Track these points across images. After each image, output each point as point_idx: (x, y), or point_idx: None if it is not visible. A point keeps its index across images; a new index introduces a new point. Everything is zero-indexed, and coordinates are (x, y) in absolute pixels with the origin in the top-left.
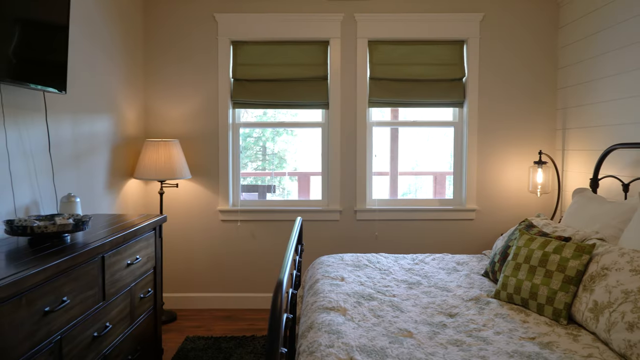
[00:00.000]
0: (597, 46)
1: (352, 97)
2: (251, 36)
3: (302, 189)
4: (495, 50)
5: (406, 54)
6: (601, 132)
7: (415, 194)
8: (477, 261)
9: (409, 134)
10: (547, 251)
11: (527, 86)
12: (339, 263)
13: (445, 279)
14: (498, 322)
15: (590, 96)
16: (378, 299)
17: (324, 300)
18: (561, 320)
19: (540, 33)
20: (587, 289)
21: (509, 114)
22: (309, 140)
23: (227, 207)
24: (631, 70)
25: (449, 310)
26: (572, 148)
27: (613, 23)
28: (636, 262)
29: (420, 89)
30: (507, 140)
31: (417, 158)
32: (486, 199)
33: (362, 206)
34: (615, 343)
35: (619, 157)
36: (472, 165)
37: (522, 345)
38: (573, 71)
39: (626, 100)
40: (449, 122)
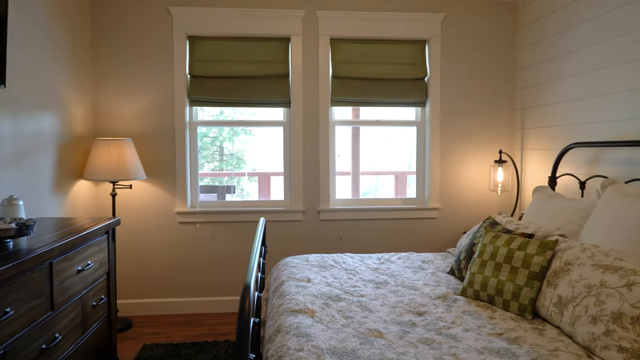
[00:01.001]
0: (554, 48)
1: (314, 96)
2: (208, 31)
3: (263, 190)
4: (456, 50)
5: (369, 52)
6: (558, 131)
7: (374, 193)
8: (442, 259)
9: (370, 134)
10: (512, 248)
11: (487, 86)
12: (304, 264)
13: (412, 277)
14: (466, 319)
15: (548, 97)
16: (346, 299)
17: (290, 302)
18: (526, 316)
19: (499, 34)
20: (551, 284)
21: (470, 113)
22: (269, 140)
23: (185, 209)
24: (586, 72)
25: (417, 309)
26: (530, 147)
27: (569, 26)
28: (597, 257)
29: (383, 88)
30: (468, 139)
31: (377, 158)
32: (448, 198)
33: (325, 206)
34: (579, 336)
35: (576, 156)
36: (434, 164)
37: (490, 342)
38: (531, 72)
39: (582, 100)
40: (412, 121)
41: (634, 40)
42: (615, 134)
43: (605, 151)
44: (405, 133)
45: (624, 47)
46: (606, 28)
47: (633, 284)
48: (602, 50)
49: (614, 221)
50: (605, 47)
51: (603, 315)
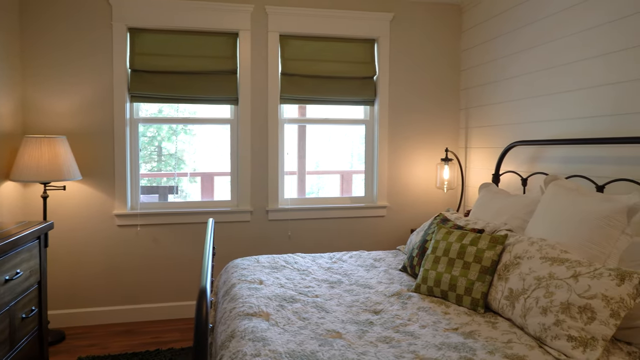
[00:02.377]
0: (497, 50)
1: (263, 93)
2: (151, 23)
3: (206, 190)
4: (404, 50)
5: (318, 50)
6: (501, 130)
7: (317, 193)
8: (393, 256)
9: (315, 133)
10: (464, 243)
11: (434, 86)
12: (255, 265)
13: (365, 276)
14: (422, 315)
15: (491, 97)
16: (301, 300)
17: (243, 305)
18: (479, 309)
19: (445, 36)
20: (502, 278)
21: (418, 112)
22: (212, 139)
23: (125, 211)
24: (527, 74)
25: (373, 307)
26: (474, 146)
27: (511, 29)
28: (545, 250)
29: (333, 86)
30: (416, 138)
31: (321, 157)
32: (396, 196)
33: (274, 206)
34: (530, 327)
35: (518, 154)
36: (383, 163)
37: (447, 337)
38: (475, 73)
39: (523, 101)
40: (361, 120)
41: (572, 43)
42: (554, 132)
43: (545, 149)
44: (348, 133)
45: (563, 50)
46: (547, 31)
47: (579, 275)
48: (542, 52)
49: (557, 215)
50: (545, 50)
51: (553, 306)
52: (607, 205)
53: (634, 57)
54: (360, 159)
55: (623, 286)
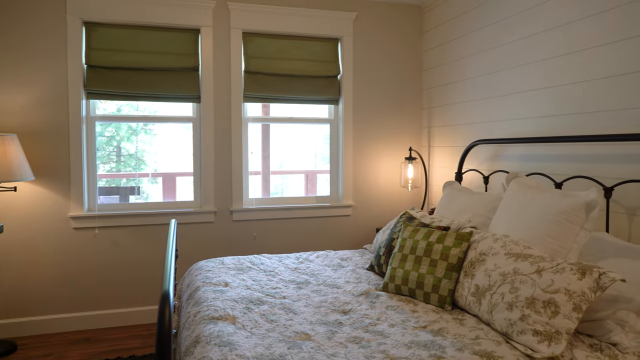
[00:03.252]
0: (456, 51)
1: (226, 91)
2: (108, 17)
3: (168, 191)
4: (367, 50)
5: (282, 48)
6: (463, 129)
7: (282, 193)
8: (360, 256)
9: (280, 132)
10: (430, 241)
11: (397, 86)
12: (220, 267)
13: (333, 275)
14: (390, 314)
15: (452, 97)
16: (268, 302)
17: (208, 309)
18: (446, 307)
19: (407, 37)
20: (468, 275)
21: (382, 112)
22: (173, 139)
23: (82, 213)
24: (487, 74)
25: (342, 307)
26: (437, 145)
27: (470, 30)
28: (509, 247)
29: (297, 85)
30: (380, 137)
31: (287, 156)
32: (361, 195)
33: (238, 206)
34: (497, 323)
35: (479, 152)
36: (347, 162)
37: (416, 335)
38: (436, 73)
39: (484, 100)
40: (325, 119)
41: (529, 44)
42: (514, 131)
43: (505, 147)
44: (312, 133)
45: (521, 51)
46: (505, 33)
47: (542, 270)
48: (501, 53)
49: (519, 212)
50: (504, 51)
51: (518, 302)
52: (567, 201)
53: (590, 58)
54: (324, 159)
55: (584, 280)
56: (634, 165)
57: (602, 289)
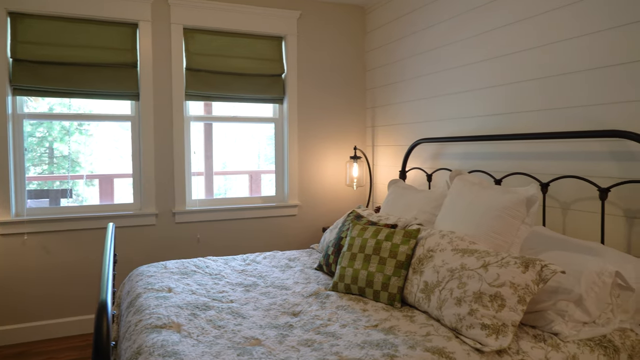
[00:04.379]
0: (399, 52)
1: (166, 89)
2: (37, 8)
3: (105, 194)
4: (312, 49)
5: (225, 45)
6: (406, 129)
7: (225, 194)
8: (308, 255)
9: (223, 132)
10: (379, 239)
11: (341, 85)
12: (163, 272)
13: (281, 276)
14: (341, 314)
15: (395, 96)
16: (215, 307)
17: (151, 317)
18: (396, 304)
19: (350, 37)
20: (417, 271)
21: (327, 111)
22: (110, 138)
23: (9, 218)
24: (429, 74)
25: (292, 309)
26: (381, 144)
27: (412, 32)
28: (455, 242)
29: (241, 83)
30: (325, 136)
31: (230, 157)
32: (307, 194)
33: (181, 208)
34: (447, 319)
35: (422, 151)
36: (293, 161)
37: (368, 335)
38: (379, 73)
39: (426, 100)
40: (270, 118)
41: (469, 45)
42: (455, 130)
43: (447, 146)
44: (254, 133)
45: (461, 52)
46: (445, 35)
47: (488, 265)
48: (442, 54)
49: (463, 208)
50: (445, 52)
51: (466, 297)
52: (508, 197)
53: (527, 58)
54: (267, 159)
55: (528, 273)
56: (567, 162)
57: (544, 281)
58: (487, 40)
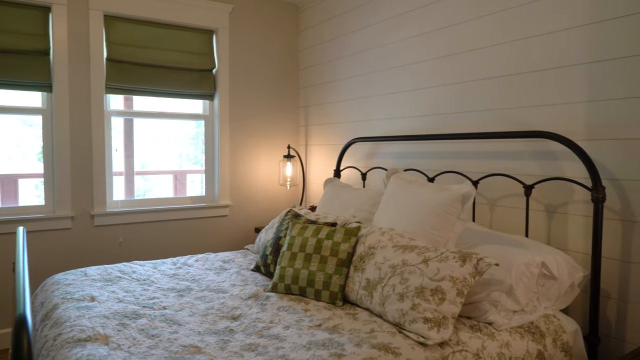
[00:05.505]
0: (333, 51)
1: (84, 80)
2: None
3: (8, 195)
4: (244, 44)
5: (151, 36)
6: (340, 128)
7: (145, 195)
8: (243, 257)
9: (143, 129)
10: (320, 238)
11: (274, 83)
12: (83, 279)
13: (217, 279)
14: (283, 315)
15: (329, 96)
16: (147, 315)
17: (72, 330)
18: (338, 303)
19: (283, 34)
20: (359, 269)
21: (260, 109)
22: (15, 133)
23: None
24: (363, 74)
25: (231, 313)
26: (315, 143)
27: (346, 32)
28: (395, 239)
29: (168, 77)
30: (258, 135)
31: (151, 156)
32: (239, 194)
33: (101, 209)
34: (389, 314)
35: (357, 150)
36: (224, 160)
37: (313, 335)
38: (313, 72)
39: (359, 100)
40: (199, 115)
41: (401, 48)
42: (390, 129)
43: (381, 145)
44: (177, 133)
45: (395, 53)
46: (378, 37)
47: (429, 260)
48: (376, 55)
49: (401, 205)
50: (378, 53)
51: (408, 292)
52: (444, 194)
53: (455, 63)
54: (190, 160)
55: (465, 266)
56: (495, 161)
57: (480, 273)
58: (419, 44)
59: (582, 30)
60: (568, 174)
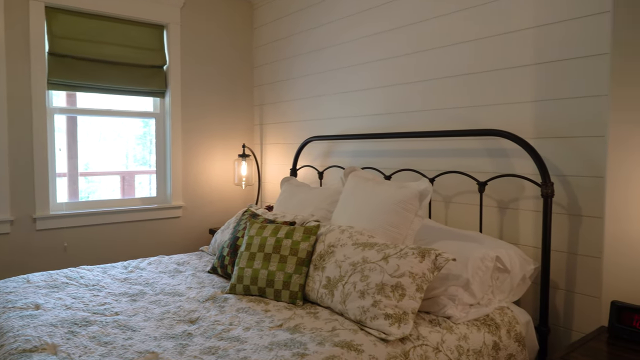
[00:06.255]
0: (289, 49)
1: (24, 75)
2: None
3: None
4: (197, 41)
5: (97, 30)
6: (296, 126)
7: (88, 197)
8: (198, 258)
9: (85, 129)
10: (279, 237)
11: (228, 81)
12: (26, 287)
13: (172, 282)
14: (243, 317)
15: (284, 94)
16: (98, 322)
17: (16, 340)
18: (298, 302)
19: (237, 31)
20: (318, 268)
21: (213, 107)
22: None
23: None
24: (319, 72)
25: (188, 317)
26: (270, 142)
27: (302, 30)
28: (355, 237)
29: (115, 73)
30: (212, 133)
31: (95, 156)
32: (193, 195)
33: (44, 212)
34: (351, 312)
35: (313, 149)
36: (176, 159)
37: (274, 335)
38: (267, 70)
39: (315, 98)
40: (150, 112)
41: (359, 46)
42: (345, 128)
43: (338, 144)
44: (122, 132)
45: (351, 52)
46: (333, 36)
47: (389, 257)
48: (333, 53)
49: (360, 203)
50: (335, 51)
51: (369, 289)
52: (402, 191)
53: (410, 63)
54: (137, 160)
55: (424, 262)
56: (450, 158)
57: (439, 268)
58: (373, 43)
59: (531, 33)
60: (519, 171)
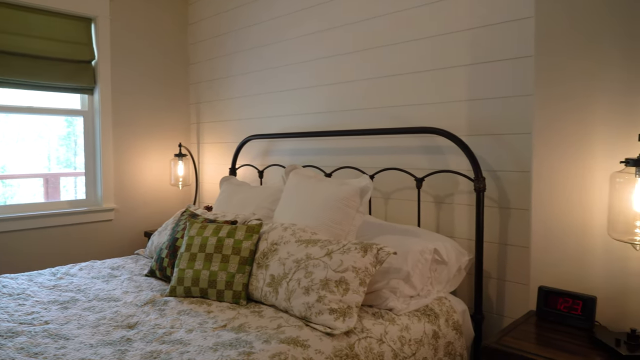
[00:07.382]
0: (226, 46)
1: None
2: None
3: None
4: (128, 35)
5: (16, 21)
6: (234, 125)
7: (6, 202)
8: (134, 262)
9: (3, 128)
10: (221, 236)
11: (162, 79)
12: None
13: (106, 288)
14: (184, 319)
15: (222, 92)
16: (25, 332)
17: None
18: (241, 302)
19: (172, 26)
20: (262, 266)
21: (147, 105)
22: None
23: None
24: (259, 70)
25: (126, 322)
26: (207, 141)
27: (240, 27)
28: (298, 234)
29: (37, 67)
30: (146, 132)
31: (10, 158)
32: (126, 196)
33: None
34: (296, 309)
35: (252, 148)
36: (107, 160)
37: (219, 336)
38: (204, 68)
39: (254, 97)
40: (77, 110)
41: (299, 44)
42: (285, 126)
43: (277, 142)
44: (43, 134)
45: (291, 50)
46: (272, 33)
47: (332, 253)
48: (273, 51)
49: (302, 201)
50: (275, 49)
51: (314, 285)
52: (344, 188)
53: (350, 62)
54: (61, 162)
55: (366, 257)
56: (389, 156)
57: (380, 262)
58: (313, 42)
59: (465, 35)
60: (454, 167)
